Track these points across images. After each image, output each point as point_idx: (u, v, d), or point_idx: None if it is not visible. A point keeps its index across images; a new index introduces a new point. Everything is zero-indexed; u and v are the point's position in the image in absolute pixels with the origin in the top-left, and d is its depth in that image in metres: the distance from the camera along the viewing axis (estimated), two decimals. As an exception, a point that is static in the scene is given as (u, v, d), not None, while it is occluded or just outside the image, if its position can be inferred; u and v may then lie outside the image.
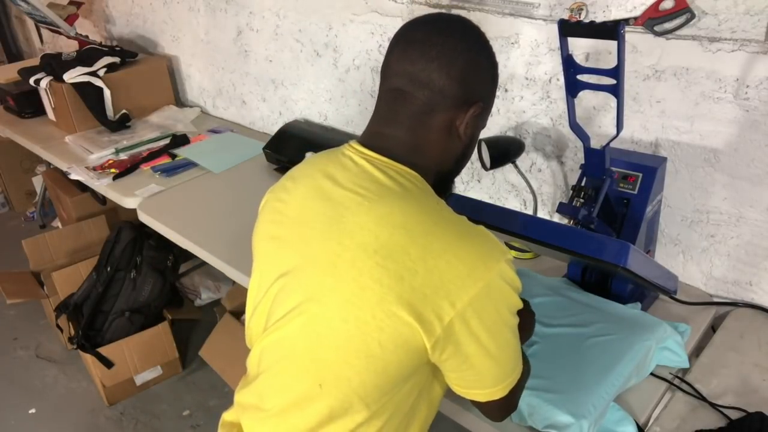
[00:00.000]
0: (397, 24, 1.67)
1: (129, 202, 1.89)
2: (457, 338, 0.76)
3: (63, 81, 2.21)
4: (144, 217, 1.83)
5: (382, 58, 0.99)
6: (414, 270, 0.75)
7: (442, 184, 0.91)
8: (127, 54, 2.44)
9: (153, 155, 2.11)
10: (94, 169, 2.05)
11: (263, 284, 0.90)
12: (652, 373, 1.12)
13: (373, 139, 0.87)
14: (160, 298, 2.28)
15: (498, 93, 1.52)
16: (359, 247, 0.78)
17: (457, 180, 1.75)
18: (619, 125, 1.06)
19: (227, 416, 1.01)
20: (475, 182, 1.72)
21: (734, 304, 1.32)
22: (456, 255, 0.75)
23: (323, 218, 0.83)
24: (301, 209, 0.87)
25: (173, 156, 2.13)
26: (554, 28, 1.09)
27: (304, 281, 0.83)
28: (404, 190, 0.81)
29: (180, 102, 2.69)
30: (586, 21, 1.27)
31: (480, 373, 0.81)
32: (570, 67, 1.08)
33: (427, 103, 0.84)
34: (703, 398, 1.08)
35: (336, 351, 0.79)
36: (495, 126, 1.59)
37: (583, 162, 1.17)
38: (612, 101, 1.29)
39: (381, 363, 0.78)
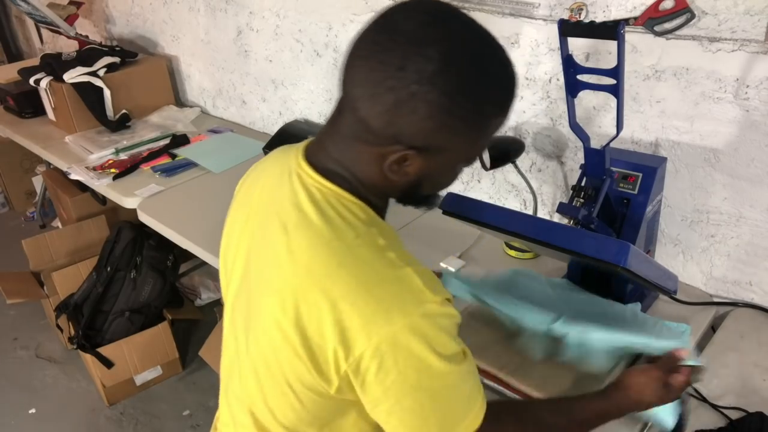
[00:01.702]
0: (397, 24, 1.66)
1: (129, 202, 1.89)
2: (356, 392, 0.70)
3: (63, 81, 2.21)
4: (144, 217, 1.83)
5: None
6: (310, 316, 0.68)
7: (406, 201, 0.81)
8: (127, 54, 2.44)
9: (153, 155, 2.11)
10: (94, 169, 2.05)
11: (227, 273, 0.89)
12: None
13: (316, 149, 0.77)
14: (160, 298, 2.28)
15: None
16: (270, 284, 0.74)
17: (457, 180, 1.75)
18: (619, 125, 1.06)
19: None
20: (475, 182, 1.72)
21: (734, 304, 1.32)
22: (354, 304, 0.66)
23: (263, 241, 0.78)
24: (256, 217, 0.82)
25: (173, 156, 2.13)
26: (554, 28, 1.09)
27: (246, 301, 0.82)
28: (323, 221, 0.71)
29: (180, 102, 2.68)
30: (586, 21, 1.27)
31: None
32: (570, 67, 1.08)
33: (354, 131, 0.69)
34: (703, 398, 1.08)
35: (258, 385, 0.80)
36: (495, 126, 1.59)
37: (583, 162, 1.17)
38: (612, 101, 1.28)
39: (297, 402, 0.75)
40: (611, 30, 0.96)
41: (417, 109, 0.64)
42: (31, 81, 2.33)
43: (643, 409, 0.89)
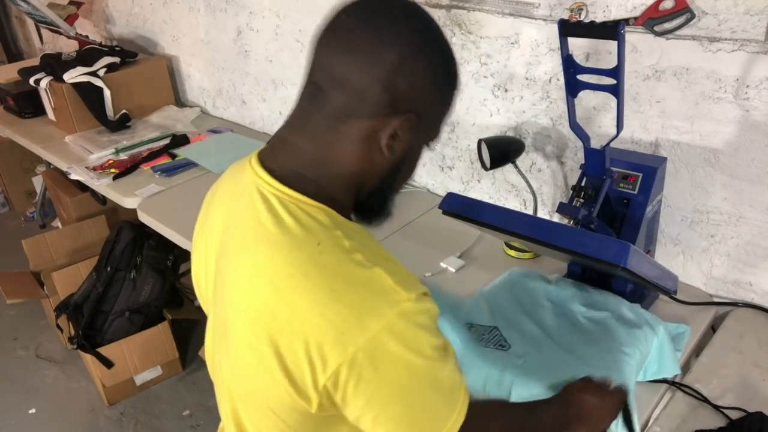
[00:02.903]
0: (397, 24, 1.67)
1: (129, 202, 1.89)
2: (338, 407, 0.67)
3: (63, 81, 2.21)
4: (144, 217, 1.83)
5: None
6: (281, 333, 0.65)
7: (369, 203, 0.77)
8: (127, 54, 2.44)
9: (153, 155, 2.11)
10: (94, 169, 2.05)
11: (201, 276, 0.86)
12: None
13: (274, 151, 0.74)
14: (160, 298, 2.28)
15: (498, 93, 1.53)
16: (239, 306, 0.70)
17: (457, 180, 1.75)
18: (619, 125, 1.06)
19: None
20: (475, 182, 1.72)
21: (734, 304, 1.32)
22: (323, 315, 0.63)
23: (226, 261, 0.75)
24: (217, 238, 0.79)
25: (173, 156, 2.12)
26: (554, 28, 1.09)
27: (221, 327, 0.78)
28: (282, 232, 0.67)
29: (180, 102, 2.68)
30: (586, 21, 1.27)
31: None
32: (570, 67, 1.08)
33: (342, 108, 0.68)
34: (703, 398, 1.08)
35: (243, 407, 0.77)
36: (495, 126, 1.59)
37: (583, 162, 1.17)
38: (612, 101, 1.28)
39: (282, 423, 0.71)
40: (611, 30, 0.96)
41: (417, 67, 0.67)
42: (31, 81, 2.33)
43: (584, 420, 0.89)
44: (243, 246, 0.71)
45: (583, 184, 1.18)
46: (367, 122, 0.68)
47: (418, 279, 0.70)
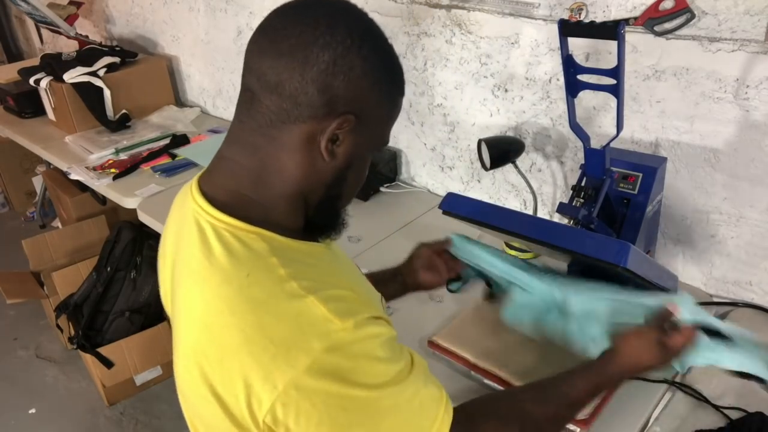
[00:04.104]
0: (397, 23, 1.67)
1: (129, 202, 1.89)
2: None
3: (63, 81, 2.21)
4: (144, 217, 1.83)
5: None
6: (215, 373, 0.63)
7: (319, 217, 0.73)
8: (127, 54, 2.44)
9: (153, 155, 2.11)
10: (94, 169, 2.05)
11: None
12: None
13: (213, 173, 0.72)
14: (160, 298, 2.28)
15: (498, 93, 1.53)
16: (182, 345, 0.68)
17: (457, 180, 1.75)
18: (619, 125, 1.06)
19: None
20: (475, 182, 1.72)
21: (734, 304, 1.32)
22: (251, 353, 0.60)
23: (175, 297, 0.73)
24: (169, 270, 0.77)
25: (173, 156, 2.12)
26: (554, 28, 1.09)
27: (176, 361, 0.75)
28: (212, 264, 0.65)
29: (180, 102, 2.68)
30: (586, 21, 1.27)
31: None
32: (570, 67, 1.08)
33: (277, 113, 0.65)
34: (703, 398, 1.08)
35: None
36: (495, 126, 1.59)
37: (583, 162, 1.17)
38: (612, 101, 1.28)
39: None
40: (611, 30, 0.96)
41: (354, 65, 0.64)
42: (31, 81, 2.33)
43: (640, 374, 0.85)
44: (182, 281, 0.69)
45: (583, 184, 1.18)
46: (303, 126, 0.65)
47: (373, 300, 0.67)
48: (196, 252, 0.67)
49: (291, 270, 0.64)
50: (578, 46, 1.32)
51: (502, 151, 1.42)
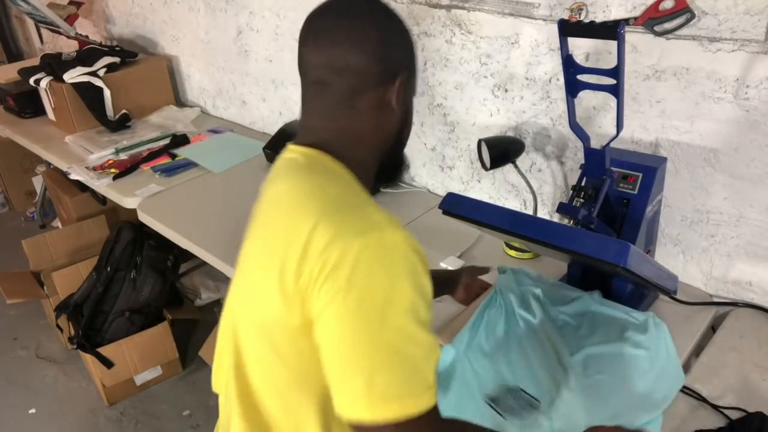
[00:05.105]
0: (397, 24, 1.67)
1: (129, 202, 1.89)
2: (309, 302, 0.70)
3: (63, 81, 2.21)
4: (144, 217, 1.83)
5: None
6: (276, 234, 0.75)
7: (393, 161, 0.90)
8: (127, 54, 2.44)
9: (153, 155, 2.11)
10: (94, 169, 2.05)
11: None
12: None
13: (304, 135, 0.84)
14: (160, 298, 2.28)
15: (498, 93, 1.53)
16: (255, 231, 0.81)
17: (457, 180, 1.75)
18: (619, 125, 1.06)
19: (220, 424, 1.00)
20: (475, 182, 1.72)
21: (734, 304, 1.32)
22: (317, 226, 0.70)
23: (253, 224, 0.84)
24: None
25: (173, 156, 2.12)
26: (554, 28, 1.09)
27: (235, 284, 0.86)
28: (296, 173, 0.80)
29: (180, 102, 2.68)
30: (586, 21, 1.27)
31: (336, 366, 0.69)
32: (570, 67, 1.08)
33: (352, 88, 0.80)
34: (703, 399, 1.08)
35: (248, 349, 0.82)
36: (495, 126, 1.59)
37: (583, 162, 1.17)
38: (612, 101, 1.28)
39: (278, 360, 0.75)
40: (611, 30, 0.96)
41: (392, 35, 0.82)
42: (31, 81, 2.33)
43: None
44: (267, 186, 0.83)
45: (583, 184, 1.18)
46: (374, 92, 0.80)
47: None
48: (285, 167, 0.82)
49: (364, 196, 0.79)
50: (578, 46, 1.32)
51: (502, 151, 1.42)
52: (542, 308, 1.16)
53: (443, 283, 1.20)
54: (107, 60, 2.33)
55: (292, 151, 0.83)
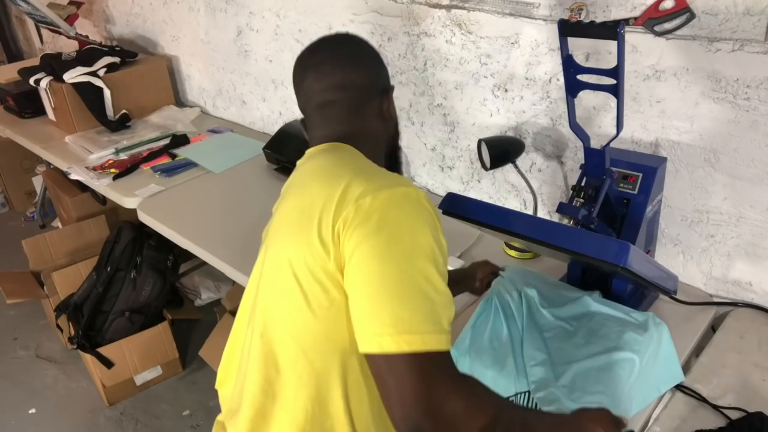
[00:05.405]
0: (397, 24, 1.67)
1: (129, 202, 1.89)
2: (341, 247, 0.77)
3: (63, 81, 2.21)
4: (144, 217, 1.83)
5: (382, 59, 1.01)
6: (312, 195, 0.83)
7: (394, 157, 1.06)
8: (127, 54, 2.45)
9: (153, 155, 2.11)
10: (94, 169, 2.05)
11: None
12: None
13: (319, 140, 0.96)
14: (160, 298, 2.28)
15: (498, 93, 1.54)
16: (282, 210, 0.90)
17: (457, 180, 1.76)
18: (619, 125, 1.06)
19: (221, 417, 1.01)
20: (475, 182, 1.72)
21: (734, 304, 1.32)
22: (351, 183, 0.80)
23: (277, 210, 0.94)
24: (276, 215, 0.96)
25: (173, 156, 2.13)
26: (554, 28, 1.09)
27: (261, 262, 0.93)
28: (329, 152, 0.91)
29: (180, 102, 2.69)
30: (586, 21, 1.26)
31: (364, 302, 0.75)
32: (570, 67, 1.08)
33: (357, 98, 0.95)
34: (703, 399, 1.08)
35: (273, 305, 0.87)
36: (495, 126, 1.59)
37: (583, 162, 1.17)
38: (612, 101, 1.28)
39: (310, 313, 0.80)
40: (611, 30, 0.96)
41: (379, 57, 1.02)
42: (31, 81, 2.33)
43: None
44: (298, 168, 0.95)
45: (583, 184, 1.18)
46: (375, 102, 0.98)
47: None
48: (314, 154, 0.93)
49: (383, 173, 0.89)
50: (578, 46, 1.32)
51: (502, 151, 1.42)
52: (530, 313, 1.16)
53: (461, 281, 1.24)
54: (107, 60, 2.33)
55: (312, 149, 0.95)
